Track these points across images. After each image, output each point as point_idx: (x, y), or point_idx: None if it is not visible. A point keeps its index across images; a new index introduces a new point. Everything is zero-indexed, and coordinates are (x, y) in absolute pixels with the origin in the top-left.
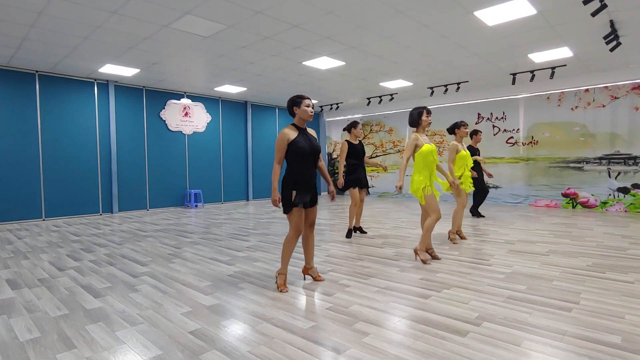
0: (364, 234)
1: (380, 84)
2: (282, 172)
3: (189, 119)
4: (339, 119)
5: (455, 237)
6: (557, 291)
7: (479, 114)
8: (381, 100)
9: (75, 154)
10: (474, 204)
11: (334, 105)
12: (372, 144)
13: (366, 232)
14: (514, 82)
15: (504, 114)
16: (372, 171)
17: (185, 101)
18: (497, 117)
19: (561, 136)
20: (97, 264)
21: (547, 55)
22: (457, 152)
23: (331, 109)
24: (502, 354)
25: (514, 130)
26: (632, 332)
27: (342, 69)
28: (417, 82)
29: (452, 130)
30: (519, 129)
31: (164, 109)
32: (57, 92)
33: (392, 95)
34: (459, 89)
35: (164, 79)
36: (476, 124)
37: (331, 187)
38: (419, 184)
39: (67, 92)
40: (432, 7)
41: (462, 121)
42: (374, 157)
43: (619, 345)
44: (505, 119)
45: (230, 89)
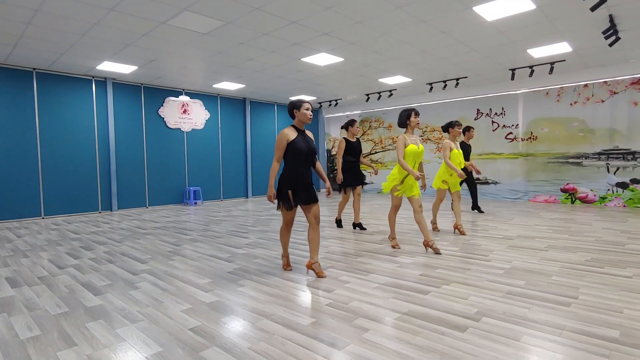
0: (363, 230)
1: (379, 80)
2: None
3: (187, 116)
4: (338, 115)
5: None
6: (556, 286)
7: (478, 110)
8: (380, 96)
9: (73, 151)
10: (473, 200)
11: (333, 101)
12: (371, 140)
13: (366, 228)
14: (513, 78)
15: (503, 109)
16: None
17: (183, 98)
18: (496, 113)
19: (560, 131)
20: (96, 262)
21: (546, 50)
22: (450, 151)
23: (330, 105)
24: (501, 349)
25: (513, 125)
26: (631, 326)
27: (340, 65)
28: (416, 78)
29: (446, 128)
30: (518, 125)
31: (163, 106)
32: (54, 90)
33: (391, 91)
34: (457, 84)
35: (162, 76)
36: (475, 119)
37: (327, 184)
38: (391, 176)
39: (65, 89)
40: (431, 3)
41: (457, 121)
42: (373, 154)
43: (617, 339)
44: (504, 114)
45: (228, 86)
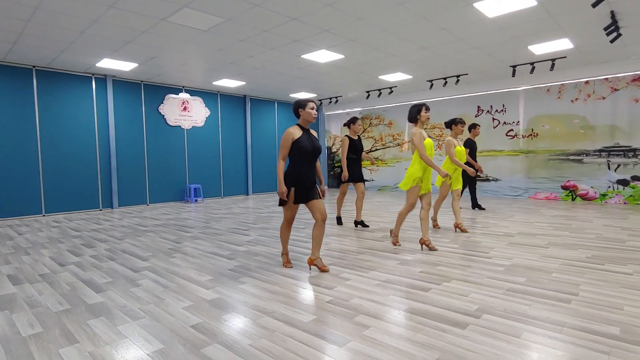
0: (366, 227)
1: (379, 77)
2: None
3: (187, 113)
4: (338, 112)
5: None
6: (556, 283)
7: (479, 107)
8: (380, 93)
9: (74, 149)
10: (472, 198)
11: (333, 98)
12: (371, 138)
13: (368, 225)
14: (513, 75)
15: (503, 106)
16: (364, 165)
17: (183, 96)
18: (496, 110)
19: (561, 128)
20: (98, 259)
21: (547, 47)
22: (454, 147)
23: (330, 102)
24: (502, 345)
25: (513, 122)
26: (631, 323)
27: (341, 62)
28: (417, 75)
29: (449, 125)
30: (518, 122)
31: (163, 103)
32: (54, 87)
33: (391, 88)
34: (458, 81)
35: (162, 73)
36: (476, 116)
37: (322, 186)
38: (412, 174)
39: (65, 87)
40: None
41: (460, 119)
42: (374, 151)
43: (617, 336)
44: (505, 111)
45: (229, 83)
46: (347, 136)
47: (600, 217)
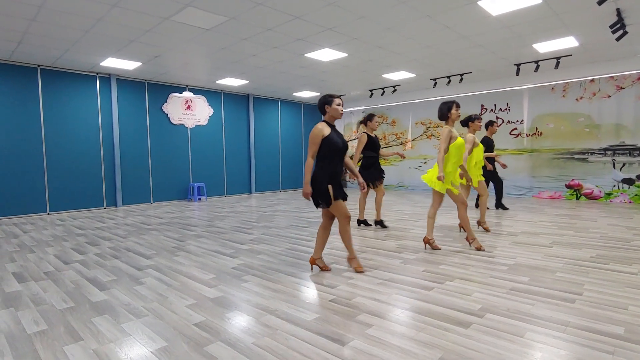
0: (385, 228)
1: (382, 75)
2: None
3: (191, 112)
4: None
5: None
6: (560, 282)
7: (483, 106)
8: (384, 92)
9: (78, 148)
10: (496, 198)
11: None
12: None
13: (387, 226)
14: (518, 73)
15: (507, 105)
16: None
17: (187, 94)
18: (500, 109)
19: (566, 127)
20: (102, 257)
21: (552, 45)
22: (475, 146)
23: None
24: (505, 345)
25: (517, 121)
26: (635, 323)
27: (344, 60)
28: (420, 74)
29: (465, 123)
30: (522, 120)
31: (166, 102)
32: (59, 87)
33: (394, 87)
34: (462, 80)
35: (165, 72)
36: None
37: (360, 179)
38: (448, 176)
39: (70, 86)
40: None
41: (477, 115)
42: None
43: (621, 336)
44: (509, 110)
45: (232, 82)
46: (365, 133)
47: (605, 217)
